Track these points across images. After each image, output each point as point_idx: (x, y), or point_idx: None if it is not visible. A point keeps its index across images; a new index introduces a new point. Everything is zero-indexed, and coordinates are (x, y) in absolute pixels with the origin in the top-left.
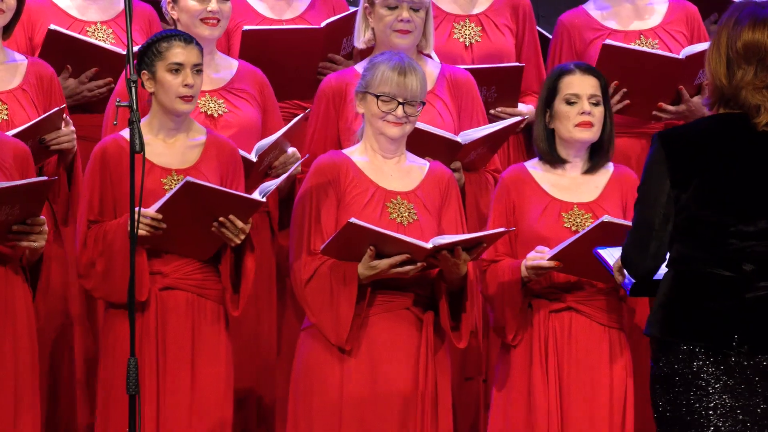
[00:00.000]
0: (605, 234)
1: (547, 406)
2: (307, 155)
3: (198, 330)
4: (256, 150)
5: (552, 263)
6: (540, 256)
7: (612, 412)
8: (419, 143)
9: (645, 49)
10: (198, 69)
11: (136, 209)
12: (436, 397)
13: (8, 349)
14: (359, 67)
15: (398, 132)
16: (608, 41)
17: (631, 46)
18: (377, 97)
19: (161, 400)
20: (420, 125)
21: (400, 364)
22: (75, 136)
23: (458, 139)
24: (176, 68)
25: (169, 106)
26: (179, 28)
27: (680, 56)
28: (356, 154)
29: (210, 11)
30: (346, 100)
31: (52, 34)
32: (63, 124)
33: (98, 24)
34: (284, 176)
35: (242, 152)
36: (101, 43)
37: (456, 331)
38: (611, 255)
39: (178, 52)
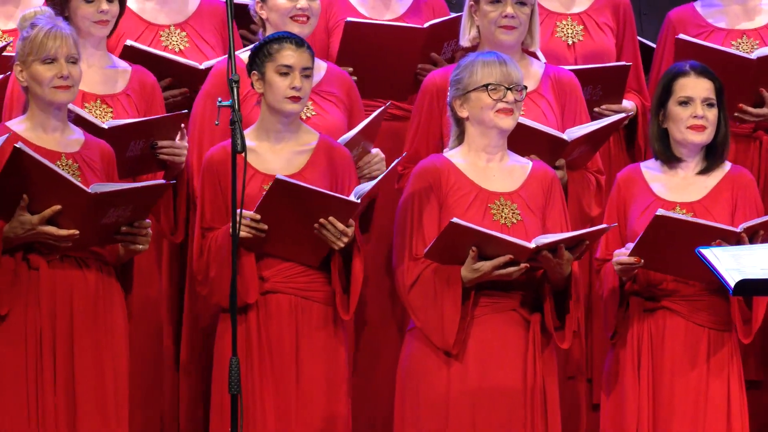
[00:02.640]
0: (670, 231)
1: (638, 407)
2: (404, 154)
3: (303, 333)
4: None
5: (632, 259)
6: (623, 253)
7: (705, 416)
8: (523, 140)
9: (720, 47)
10: (307, 73)
11: (238, 210)
12: (545, 397)
13: (107, 350)
14: None
15: (510, 122)
16: (681, 36)
17: (705, 42)
18: (486, 87)
19: (269, 403)
20: (525, 121)
21: (508, 365)
22: (186, 151)
23: (564, 136)
24: (285, 71)
25: (277, 107)
26: (268, 27)
27: (752, 57)
28: (457, 156)
29: (300, 9)
30: None
31: (127, 49)
32: (179, 137)
33: (171, 27)
34: (378, 179)
35: (337, 142)
36: (175, 57)
37: (560, 331)
38: (714, 255)
39: (289, 55)
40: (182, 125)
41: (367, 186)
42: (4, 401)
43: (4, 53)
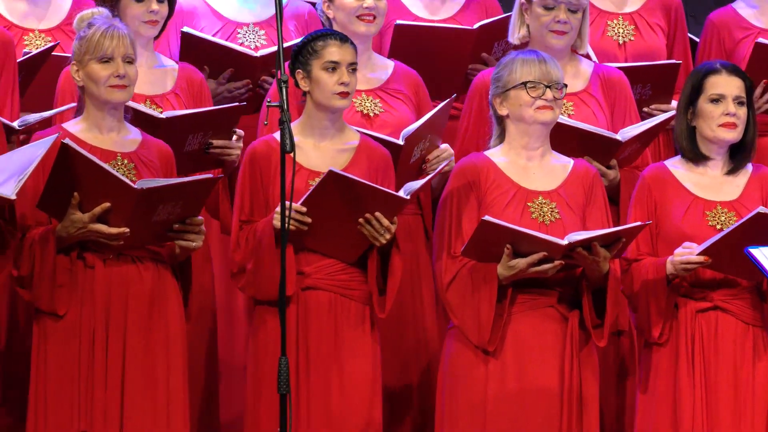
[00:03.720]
0: (756, 228)
1: (693, 408)
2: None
3: (341, 331)
4: (403, 135)
5: (701, 258)
6: (689, 252)
7: (754, 413)
8: (576, 142)
9: None
10: (353, 68)
11: (286, 208)
12: (582, 395)
13: (161, 349)
14: None
15: (551, 116)
16: (761, 40)
17: None
18: (524, 84)
19: (304, 400)
20: (578, 124)
21: (546, 363)
22: (240, 151)
23: (617, 136)
24: (332, 66)
25: (325, 103)
26: (335, 26)
27: None
28: (498, 155)
29: (366, 8)
30: None
31: (185, 36)
32: (234, 137)
33: (251, 26)
34: (429, 177)
35: (388, 137)
36: (232, 45)
37: (599, 328)
38: (763, 255)
39: (334, 51)
40: (237, 129)
41: (416, 184)
42: (55, 399)
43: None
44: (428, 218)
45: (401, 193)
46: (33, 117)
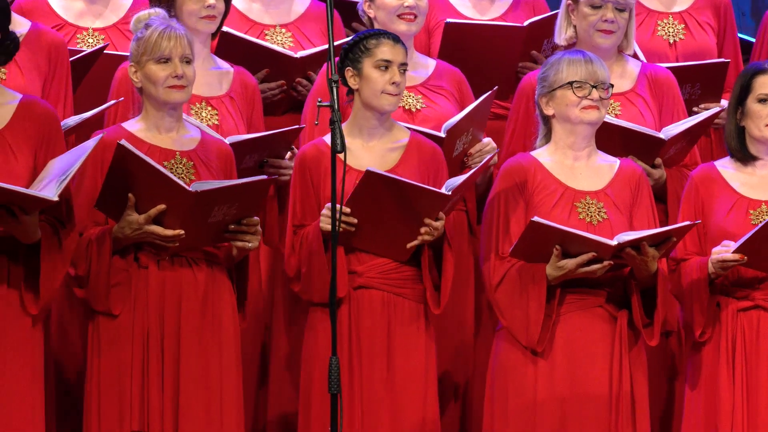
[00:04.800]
0: None
1: (732, 407)
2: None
3: (394, 329)
4: (445, 128)
5: (736, 256)
6: (725, 250)
7: None
8: (620, 141)
9: None
10: (404, 68)
11: (337, 209)
12: (633, 395)
13: (214, 350)
14: None
15: (597, 116)
16: None
17: None
18: (571, 84)
19: (357, 399)
20: (620, 122)
21: (595, 363)
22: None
23: (661, 135)
24: (384, 65)
25: (374, 102)
26: (376, 26)
27: None
28: (544, 155)
29: (407, 7)
30: None
31: (224, 36)
32: (288, 156)
33: (276, 27)
34: (471, 172)
35: (430, 131)
36: (272, 46)
37: (649, 328)
38: None
39: (387, 50)
40: (294, 148)
41: (458, 179)
42: (110, 400)
43: (105, 51)
44: (472, 215)
45: (443, 190)
46: (73, 120)
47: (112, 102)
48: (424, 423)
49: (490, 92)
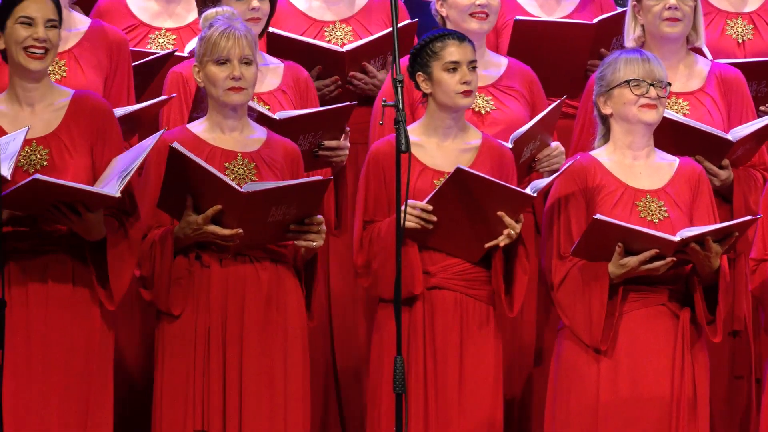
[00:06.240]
0: None
1: None
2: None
3: (466, 330)
4: (512, 138)
5: None
6: None
7: None
8: (686, 140)
9: None
10: (473, 65)
11: (419, 205)
12: (695, 394)
13: (279, 348)
14: None
15: (655, 116)
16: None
17: None
18: (628, 83)
19: (429, 399)
20: (690, 122)
21: (658, 361)
22: (347, 152)
23: (729, 137)
24: (453, 67)
25: (449, 103)
26: (448, 25)
27: None
28: (603, 155)
29: (479, 5)
30: None
31: (271, 36)
32: (343, 137)
33: (336, 23)
34: (555, 175)
35: (498, 141)
36: (318, 42)
37: (711, 325)
38: None
39: (454, 51)
40: (347, 128)
41: (543, 182)
42: (173, 400)
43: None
44: (540, 216)
45: (528, 191)
46: (119, 112)
47: (163, 98)
48: (490, 424)
49: (558, 101)
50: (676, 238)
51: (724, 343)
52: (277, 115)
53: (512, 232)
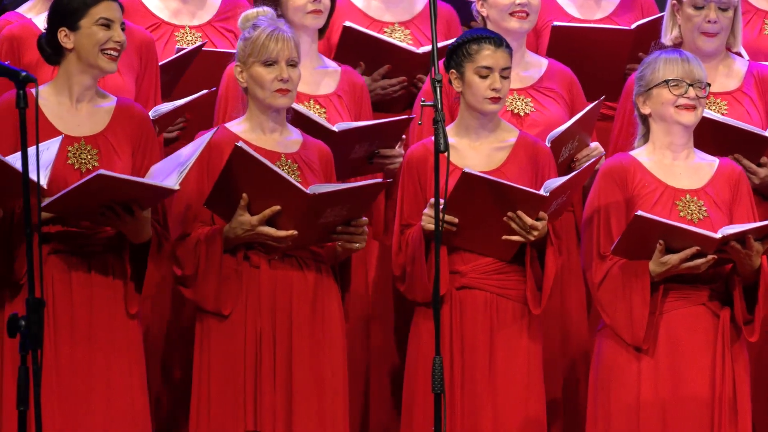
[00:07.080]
0: None
1: None
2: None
3: (497, 330)
4: (549, 138)
5: None
6: None
7: None
8: (724, 139)
9: None
10: (506, 73)
11: (440, 207)
12: (735, 394)
13: (325, 350)
14: None
15: (692, 118)
16: None
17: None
18: (667, 82)
19: (458, 399)
20: (728, 120)
21: (699, 360)
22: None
23: (767, 134)
24: (485, 73)
25: (477, 106)
26: (489, 25)
27: None
28: (643, 155)
29: (519, 4)
30: None
31: (346, 30)
32: (399, 144)
33: (396, 25)
34: (570, 175)
35: (536, 138)
36: (395, 41)
37: (750, 324)
38: None
39: (488, 55)
40: (403, 136)
41: (557, 181)
42: (223, 400)
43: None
44: (579, 215)
45: (541, 191)
46: (165, 107)
47: (205, 91)
48: (527, 423)
49: (597, 101)
50: (717, 235)
51: (766, 343)
52: (336, 127)
53: (523, 231)
